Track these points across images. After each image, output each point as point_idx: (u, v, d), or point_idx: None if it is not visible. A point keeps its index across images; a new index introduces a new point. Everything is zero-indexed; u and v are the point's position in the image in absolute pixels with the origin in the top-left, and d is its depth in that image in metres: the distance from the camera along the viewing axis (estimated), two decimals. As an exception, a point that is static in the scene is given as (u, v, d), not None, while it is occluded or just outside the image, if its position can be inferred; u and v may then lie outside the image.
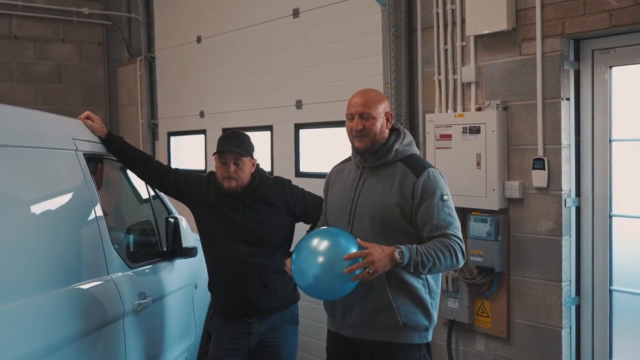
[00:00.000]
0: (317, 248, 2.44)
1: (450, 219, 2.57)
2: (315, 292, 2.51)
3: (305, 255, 2.46)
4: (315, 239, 2.49)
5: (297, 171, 5.01)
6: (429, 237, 2.56)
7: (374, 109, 2.64)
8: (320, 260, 2.42)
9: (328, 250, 2.43)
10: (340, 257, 2.38)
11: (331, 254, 2.42)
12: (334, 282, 2.41)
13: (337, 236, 2.49)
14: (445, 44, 4.01)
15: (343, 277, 2.37)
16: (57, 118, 3.06)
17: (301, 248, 2.50)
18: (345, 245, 2.43)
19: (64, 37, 7.73)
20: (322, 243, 2.46)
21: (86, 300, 2.76)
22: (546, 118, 3.53)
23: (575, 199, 3.56)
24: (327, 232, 2.57)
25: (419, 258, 2.43)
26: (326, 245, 2.44)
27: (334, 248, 2.43)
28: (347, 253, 2.39)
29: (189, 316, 4.02)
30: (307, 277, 2.45)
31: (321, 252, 2.43)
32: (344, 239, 2.47)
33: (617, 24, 3.21)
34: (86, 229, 2.89)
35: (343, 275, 2.36)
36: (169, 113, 6.80)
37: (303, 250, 2.49)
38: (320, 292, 2.51)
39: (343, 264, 2.37)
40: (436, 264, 2.47)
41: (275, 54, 5.22)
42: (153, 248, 3.71)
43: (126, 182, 3.71)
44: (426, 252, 2.45)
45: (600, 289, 3.56)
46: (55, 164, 2.81)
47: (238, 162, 3.13)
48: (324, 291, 2.50)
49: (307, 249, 2.47)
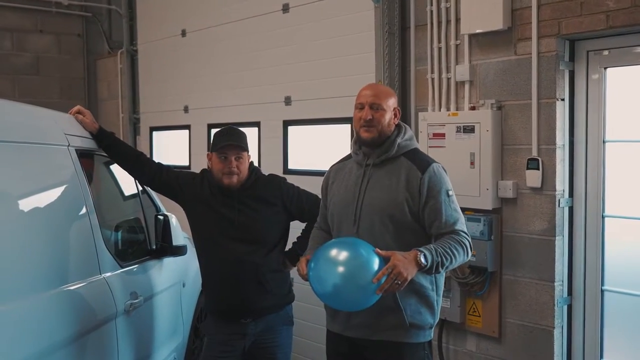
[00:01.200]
0: (340, 260, 2.37)
1: (456, 215, 2.59)
2: (338, 302, 2.44)
3: (328, 266, 2.38)
4: (335, 249, 2.41)
5: (285, 168, 4.96)
6: (438, 234, 2.56)
7: (384, 101, 2.64)
8: (346, 273, 2.34)
9: (353, 263, 2.36)
10: (364, 269, 2.32)
11: (357, 267, 2.35)
12: (359, 294, 2.35)
13: (358, 247, 2.41)
14: (439, 42, 4.00)
15: (369, 290, 2.31)
16: (48, 112, 2.97)
17: (323, 258, 2.42)
18: (368, 258, 2.36)
19: (42, 28, 7.55)
20: (344, 254, 2.38)
21: (78, 302, 2.68)
22: (541, 118, 3.54)
23: (568, 199, 3.57)
24: (347, 243, 2.48)
25: (439, 258, 2.41)
26: (349, 258, 2.37)
27: (358, 262, 2.36)
28: (371, 265, 2.33)
29: (177, 315, 3.95)
30: (329, 288, 2.37)
31: (345, 264, 2.36)
32: (365, 251, 2.39)
33: (614, 25, 3.21)
34: (78, 227, 2.81)
35: (369, 288, 2.30)
36: (151, 107, 6.69)
37: (325, 260, 2.40)
38: (342, 303, 2.44)
39: (368, 276, 2.31)
40: (453, 262, 2.46)
41: (264, 49, 5.15)
42: (142, 246, 3.64)
43: (115, 178, 3.62)
44: (444, 252, 2.43)
45: (592, 289, 3.57)
46: (47, 160, 2.72)
47: (239, 157, 3.08)
48: (347, 302, 2.42)
49: (329, 260, 2.39)
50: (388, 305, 2.55)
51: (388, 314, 2.56)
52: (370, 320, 2.58)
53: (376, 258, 2.36)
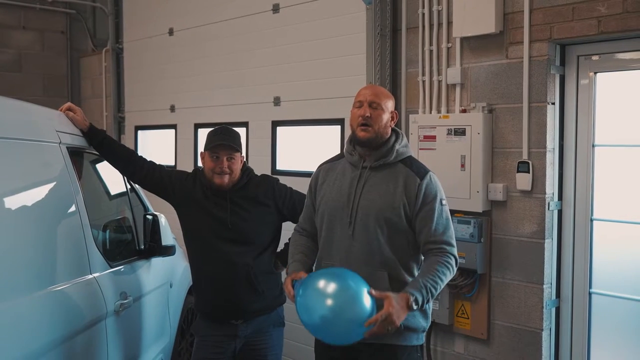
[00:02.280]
0: (329, 292, 2.37)
1: (446, 224, 2.59)
2: (324, 334, 2.45)
3: (317, 297, 2.38)
4: (325, 280, 2.41)
5: (273, 169, 4.94)
6: (425, 244, 2.57)
7: (383, 102, 2.64)
8: (335, 306, 2.35)
9: (343, 297, 2.37)
10: (353, 304, 2.35)
11: (346, 302, 2.37)
12: (346, 329, 2.37)
13: (347, 280, 2.42)
14: (430, 45, 4.01)
15: (357, 327, 2.34)
16: (40, 109, 2.92)
17: (312, 287, 2.41)
18: (357, 292, 2.37)
19: (26, 24, 7.44)
20: (334, 287, 2.38)
21: (69, 302, 2.64)
22: (531, 122, 3.56)
23: (557, 203, 3.60)
24: (337, 275, 2.47)
25: (429, 295, 2.45)
26: (339, 291, 2.38)
27: (348, 296, 2.37)
28: (360, 301, 2.35)
29: (165, 316, 3.91)
30: (317, 319, 2.37)
31: (334, 297, 2.36)
32: (354, 284, 2.40)
33: (605, 30, 3.25)
34: (69, 226, 2.77)
35: (357, 325, 2.34)
36: (137, 106, 6.62)
37: (314, 290, 2.40)
38: (328, 335, 2.45)
39: (357, 312, 2.33)
40: (441, 287, 2.51)
41: (253, 49, 5.13)
42: (131, 246, 3.59)
43: (104, 177, 3.57)
44: (433, 284, 2.46)
45: (579, 291, 3.61)
46: (38, 157, 2.68)
47: (231, 158, 3.05)
48: (333, 336, 2.44)
49: (318, 291, 2.39)
50: None
51: None
52: None
53: (366, 292, 2.38)
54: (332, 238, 2.68)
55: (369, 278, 2.56)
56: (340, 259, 2.63)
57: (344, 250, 2.62)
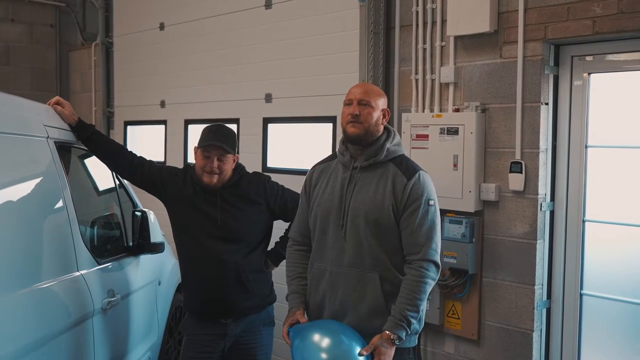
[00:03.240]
0: (324, 346, 2.47)
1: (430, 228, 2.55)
2: None
3: (312, 350, 2.48)
4: (319, 334, 2.51)
5: (264, 166, 4.90)
6: (406, 253, 2.54)
7: (373, 100, 2.61)
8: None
9: (337, 351, 2.47)
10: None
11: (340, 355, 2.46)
12: None
13: (340, 335, 2.51)
14: (423, 43, 3.98)
15: None
16: (27, 102, 2.87)
17: (308, 340, 2.51)
18: (349, 346, 2.46)
19: (14, 17, 7.33)
20: (328, 341, 2.48)
21: (55, 300, 2.60)
22: (525, 122, 3.54)
23: (550, 203, 3.59)
24: (330, 330, 2.55)
25: (412, 320, 2.49)
26: (333, 345, 2.47)
27: (341, 350, 2.47)
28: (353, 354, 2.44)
29: (153, 314, 3.87)
30: None
31: (329, 352, 2.46)
32: (346, 339, 2.50)
33: (600, 31, 3.23)
34: (56, 222, 2.72)
35: None
36: (126, 101, 6.55)
37: (310, 343, 2.50)
38: None
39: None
40: (423, 304, 2.53)
41: (245, 45, 5.09)
42: (119, 242, 3.54)
43: (92, 172, 3.52)
44: (413, 308, 2.49)
45: (570, 292, 3.60)
46: (26, 152, 2.62)
47: (222, 158, 3.01)
48: None
49: (313, 345, 2.49)
50: (375, 310, 2.52)
51: (374, 318, 2.53)
52: (356, 324, 2.55)
53: (357, 345, 2.45)
54: (325, 240, 2.65)
55: (360, 280, 2.53)
56: (332, 261, 2.60)
57: (336, 253, 2.59)
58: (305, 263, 2.75)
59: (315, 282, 2.64)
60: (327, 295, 2.60)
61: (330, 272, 2.59)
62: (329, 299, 2.60)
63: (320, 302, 2.63)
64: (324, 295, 2.61)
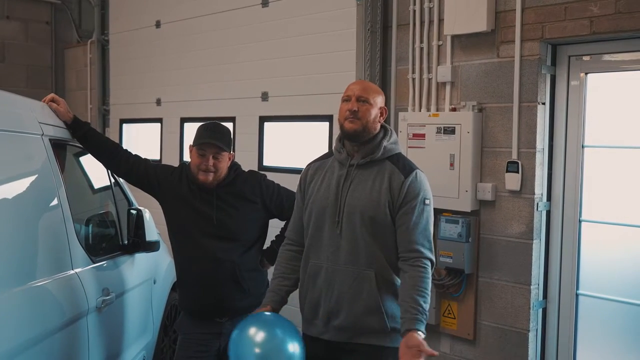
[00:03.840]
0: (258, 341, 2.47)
1: (425, 227, 2.54)
2: None
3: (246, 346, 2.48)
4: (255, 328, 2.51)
5: (260, 165, 4.89)
6: (401, 250, 2.53)
7: (372, 97, 2.59)
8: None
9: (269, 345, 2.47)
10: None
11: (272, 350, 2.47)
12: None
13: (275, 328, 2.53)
14: (420, 42, 3.98)
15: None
16: (22, 99, 2.83)
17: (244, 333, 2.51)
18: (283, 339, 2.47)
19: (10, 14, 7.31)
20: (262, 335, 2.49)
21: (49, 298, 2.56)
22: (522, 122, 3.54)
23: (546, 203, 3.59)
24: (266, 322, 2.57)
25: (427, 314, 2.45)
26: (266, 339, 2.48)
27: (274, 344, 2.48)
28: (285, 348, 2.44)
29: (148, 313, 3.84)
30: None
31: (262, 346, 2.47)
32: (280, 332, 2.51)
33: (597, 31, 3.23)
34: (50, 220, 2.69)
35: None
36: (122, 99, 6.53)
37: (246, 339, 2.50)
38: None
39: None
40: (429, 297, 2.50)
41: (242, 43, 5.07)
42: (114, 241, 3.52)
43: (87, 170, 3.50)
44: (424, 300, 2.45)
45: (567, 292, 3.60)
46: (20, 149, 2.60)
47: (217, 156, 2.99)
48: None
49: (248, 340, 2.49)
50: (369, 308, 2.50)
51: (369, 316, 2.51)
52: (350, 322, 2.53)
53: (290, 339, 2.47)
54: (321, 237, 2.63)
55: (356, 278, 2.52)
56: (328, 258, 2.59)
57: (332, 250, 2.58)
58: (292, 264, 2.76)
59: (312, 279, 2.63)
60: (323, 292, 2.59)
61: (327, 270, 2.58)
62: (324, 296, 2.59)
63: (317, 299, 2.62)
64: (321, 292, 2.60)
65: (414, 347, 2.35)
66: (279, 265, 2.80)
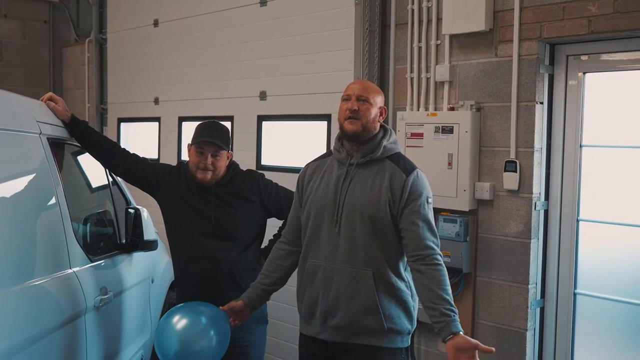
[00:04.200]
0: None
1: (430, 227, 2.54)
2: None
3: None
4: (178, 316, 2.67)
5: (258, 164, 4.88)
6: (412, 250, 2.50)
7: (372, 97, 2.59)
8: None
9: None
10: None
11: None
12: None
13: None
14: (419, 42, 3.98)
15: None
16: (20, 98, 2.83)
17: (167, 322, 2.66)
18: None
19: (7, 12, 7.28)
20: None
21: (47, 297, 2.56)
22: (520, 121, 3.54)
23: (544, 203, 3.59)
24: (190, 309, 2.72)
25: (454, 308, 2.43)
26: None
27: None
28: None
29: (146, 312, 3.84)
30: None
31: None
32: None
33: (595, 30, 3.24)
34: (48, 219, 2.69)
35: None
36: (120, 98, 6.52)
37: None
38: None
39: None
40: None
41: (240, 42, 5.06)
42: (112, 240, 3.52)
43: (85, 169, 3.50)
44: (452, 300, 2.43)
45: (564, 292, 3.60)
46: (18, 148, 2.60)
47: (216, 155, 2.99)
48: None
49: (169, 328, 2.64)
50: (367, 308, 2.50)
51: (366, 316, 2.51)
52: (347, 322, 2.53)
53: (213, 328, 2.64)
54: (319, 236, 2.63)
55: (354, 277, 2.52)
56: (326, 257, 2.59)
57: (330, 249, 2.57)
58: (278, 262, 2.79)
59: (310, 278, 2.63)
60: (320, 291, 2.59)
61: (324, 269, 2.58)
62: (322, 296, 2.58)
63: (315, 298, 2.62)
64: (318, 291, 2.60)
65: (469, 350, 2.32)
66: (267, 262, 2.84)
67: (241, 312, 2.74)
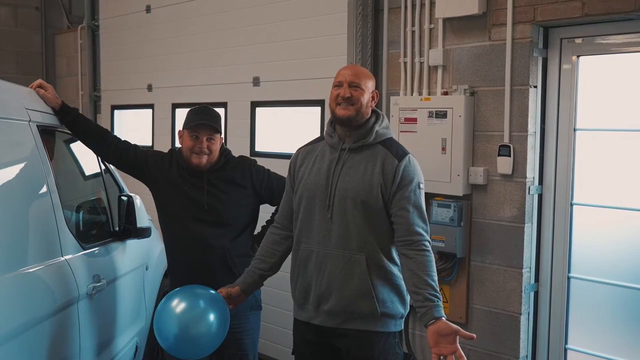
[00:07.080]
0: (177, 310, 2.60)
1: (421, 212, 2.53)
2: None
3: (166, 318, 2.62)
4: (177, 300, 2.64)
5: (252, 150, 4.86)
6: (401, 234, 2.51)
7: (363, 82, 2.58)
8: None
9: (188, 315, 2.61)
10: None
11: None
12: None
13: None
14: (412, 26, 3.95)
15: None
16: (8, 85, 2.81)
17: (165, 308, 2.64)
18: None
19: (-2, -1, 7.24)
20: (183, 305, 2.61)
21: (38, 285, 2.55)
22: (514, 105, 3.53)
23: (538, 187, 3.58)
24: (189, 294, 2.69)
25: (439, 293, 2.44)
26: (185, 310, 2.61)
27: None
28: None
29: (140, 299, 3.84)
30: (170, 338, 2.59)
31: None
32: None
33: (589, 13, 3.21)
34: (39, 207, 2.67)
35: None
36: (113, 85, 6.48)
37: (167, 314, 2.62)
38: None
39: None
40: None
41: (232, 28, 5.02)
42: (105, 227, 3.51)
43: (77, 156, 3.48)
44: (437, 285, 2.43)
45: (558, 275, 3.60)
46: (6, 136, 2.57)
47: (211, 138, 2.98)
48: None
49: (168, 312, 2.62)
50: (361, 292, 2.50)
51: (360, 301, 2.51)
52: (341, 307, 2.53)
53: (212, 310, 2.60)
54: (311, 221, 2.62)
55: (347, 262, 2.52)
56: (319, 242, 2.58)
57: (323, 234, 2.57)
58: (273, 247, 2.79)
59: (303, 263, 2.63)
60: (313, 276, 2.59)
61: (317, 253, 2.58)
62: (315, 281, 2.59)
63: (308, 283, 2.62)
64: (312, 276, 2.60)
65: (450, 335, 2.33)
66: (261, 247, 2.83)
67: (237, 298, 2.73)
